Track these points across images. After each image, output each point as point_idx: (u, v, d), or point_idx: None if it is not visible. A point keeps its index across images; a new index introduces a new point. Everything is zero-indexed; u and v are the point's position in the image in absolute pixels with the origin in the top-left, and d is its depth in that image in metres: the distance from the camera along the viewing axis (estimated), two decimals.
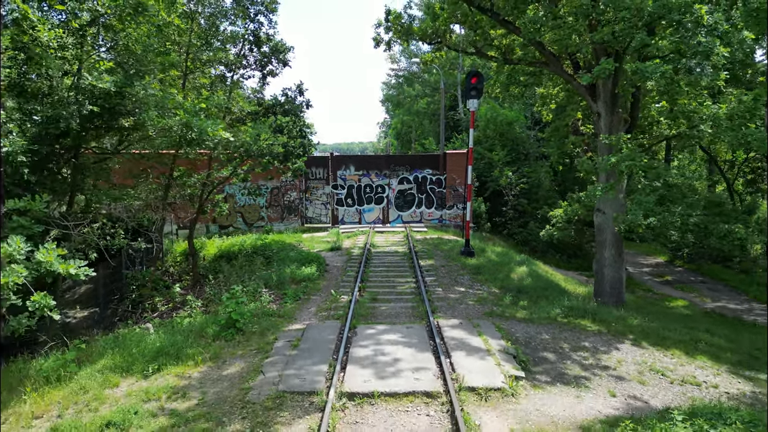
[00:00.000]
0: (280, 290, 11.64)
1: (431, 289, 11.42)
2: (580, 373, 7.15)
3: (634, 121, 12.99)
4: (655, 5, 9.21)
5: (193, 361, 7.31)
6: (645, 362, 7.74)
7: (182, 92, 12.78)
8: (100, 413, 5.90)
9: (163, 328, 9.01)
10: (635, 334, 9.03)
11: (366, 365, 6.86)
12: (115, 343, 8.04)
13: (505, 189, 23.47)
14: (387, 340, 7.89)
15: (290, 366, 6.91)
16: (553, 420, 5.71)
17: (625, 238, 12.86)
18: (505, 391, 6.21)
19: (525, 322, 9.28)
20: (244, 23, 14.32)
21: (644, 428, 5.30)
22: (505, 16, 12.98)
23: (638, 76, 9.20)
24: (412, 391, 6.09)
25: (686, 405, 6.14)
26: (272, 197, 21.05)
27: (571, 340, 8.43)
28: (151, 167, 13.24)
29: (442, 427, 5.47)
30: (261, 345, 7.95)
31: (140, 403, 6.08)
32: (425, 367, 6.80)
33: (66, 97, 8.78)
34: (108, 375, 6.90)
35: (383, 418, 5.64)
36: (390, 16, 16.00)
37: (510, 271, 14.04)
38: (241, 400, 6.07)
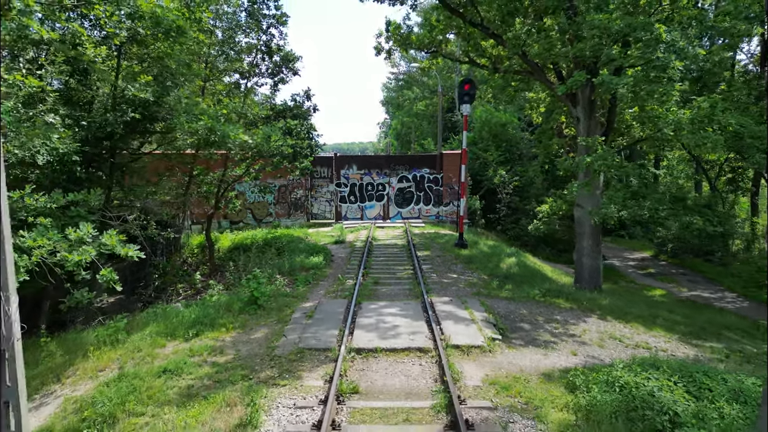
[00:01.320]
0: (291, 276, 13.02)
1: (427, 275, 12.80)
2: (549, 339, 8.53)
3: (611, 125, 14.37)
4: (620, 24, 10.59)
5: (225, 329, 8.71)
6: (606, 331, 9.13)
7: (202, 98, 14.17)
8: (155, 365, 7.29)
9: (195, 304, 10.41)
10: (602, 310, 10.43)
11: (370, 330, 8.25)
12: (156, 316, 9.46)
13: (498, 187, 24.86)
14: (387, 312, 9.28)
15: (307, 331, 8.31)
16: (521, 369, 7.09)
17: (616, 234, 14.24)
18: (483, 349, 7.60)
19: (507, 300, 10.68)
20: (257, 35, 15.72)
21: (591, 372, 6.68)
22: (494, 30, 14.34)
23: (605, 87, 10.59)
24: (408, 348, 7.49)
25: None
26: (280, 194, 22.45)
27: (546, 314, 9.82)
28: (174, 166, 14.65)
29: (432, 373, 6.85)
30: (280, 317, 9.34)
31: (187, 357, 7.47)
32: (419, 331, 8.19)
33: (111, 105, 10.17)
34: (155, 338, 8.30)
35: (384, 366, 7.03)
36: (390, 26, 17.34)
37: (500, 261, 15.41)
38: (268, 355, 7.47)
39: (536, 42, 12.77)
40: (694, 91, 15.35)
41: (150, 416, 5.94)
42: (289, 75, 15.94)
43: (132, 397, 6.32)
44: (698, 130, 11.41)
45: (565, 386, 6.50)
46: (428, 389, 6.36)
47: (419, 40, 17.41)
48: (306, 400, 6.04)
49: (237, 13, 15.56)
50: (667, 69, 10.18)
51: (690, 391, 6.28)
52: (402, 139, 47.33)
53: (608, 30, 10.68)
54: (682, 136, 11.48)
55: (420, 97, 37.41)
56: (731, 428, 5.37)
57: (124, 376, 6.97)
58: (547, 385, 6.55)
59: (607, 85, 10.52)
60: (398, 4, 15.35)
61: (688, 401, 5.94)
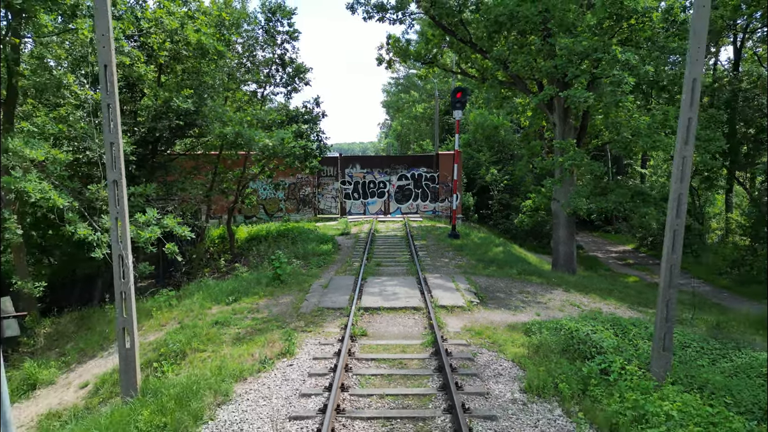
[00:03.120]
0: (305, 260, 15.05)
1: (422, 259, 14.83)
2: (519, 304, 10.56)
3: (584, 130, 16.39)
4: (582, 46, 12.61)
5: (257, 296, 10.75)
6: (568, 300, 11.16)
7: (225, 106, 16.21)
8: (207, 319, 9.33)
9: (228, 280, 12.45)
10: (568, 285, 12.46)
11: (374, 296, 10.29)
12: (199, 287, 11.50)
13: (491, 185, 26.89)
14: (388, 284, 11.32)
15: (324, 297, 10.35)
16: (492, 322, 9.12)
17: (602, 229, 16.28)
18: (464, 308, 9.64)
19: (489, 276, 12.71)
20: (273, 50, 17.75)
21: (545, 323, 8.70)
22: (482, 46, 16.37)
23: (570, 99, 12.62)
24: (405, 307, 9.53)
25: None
26: (290, 191, 24.50)
27: (519, 287, 11.86)
28: (200, 165, 16.69)
29: (422, 323, 8.89)
30: (300, 288, 11.38)
31: (231, 315, 9.51)
32: (414, 296, 10.23)
33: (157, 114, 12.21)
34: (202, 302, 10.35)
35: (386, 319, 9.07)
36: (390, 39, 19.40)
37: (488, 250, 17.43)
38: (295, 312, 9.51)
39: (516, 58, 14.79)
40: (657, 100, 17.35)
41: (210, 351, 7.98)
42: (301, 85, 17.97)
43: (194, 339, 8.37)
44: (653, 134, 13.44)
45: (524, 332, 8.53)
46: (419, 333, 8.40)
47: (416, 52, 19.47)
48: (327, 340, 8.08)
49: (255, 30, 17.57)
50: (622, 84, 12.20)
51: (617, 333, 8.33)
52: (402, 140, 49.39)
53: (573, 51, 12.71)
54: (639, 139, 13.48)
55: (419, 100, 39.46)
56: (639, 355, 7.40)
57: (184, 327, 9.02)
58: (511, 332, 8.57)
59: (571, 99, 12.56)
60: (398, 23, 17.33)
61: (613, 339, 7.98)
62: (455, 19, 16.00)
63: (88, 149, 10.66)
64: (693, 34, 6.29)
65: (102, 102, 6.42)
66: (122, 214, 6.57)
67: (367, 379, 6.72)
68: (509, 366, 7.23)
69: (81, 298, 13.00)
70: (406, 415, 5.71)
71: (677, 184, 6.59)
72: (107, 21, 6.32)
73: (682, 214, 6.57)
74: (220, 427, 5.65)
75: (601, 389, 6.39)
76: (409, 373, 6.87)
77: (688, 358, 7.90)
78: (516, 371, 7.05)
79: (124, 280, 6.60)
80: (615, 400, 6.10)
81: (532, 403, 6.20)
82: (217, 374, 6.77)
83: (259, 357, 7.47)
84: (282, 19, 17.47)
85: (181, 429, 5.58)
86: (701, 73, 6.34)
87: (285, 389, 6.46)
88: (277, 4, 17.31)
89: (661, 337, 6.81)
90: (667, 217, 6.66)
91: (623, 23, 13.57)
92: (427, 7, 15.88)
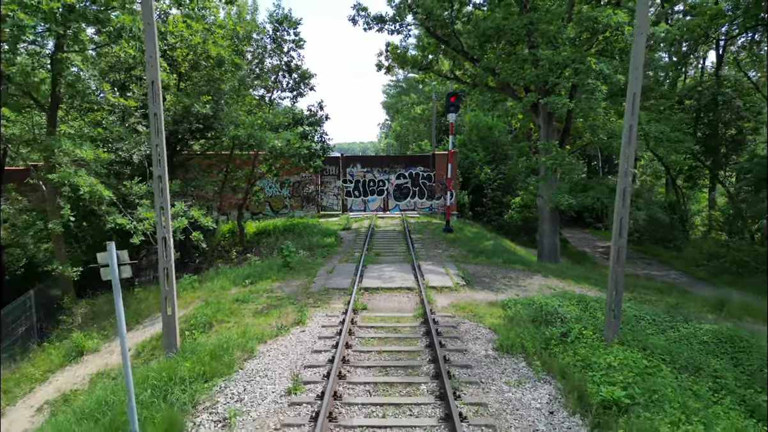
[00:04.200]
0: (311, 251, 16.44)
1: (417, 250, 16.22)
2: (501, 287, 11.96)
3: (567, 132, 17.77)
4: (562, 57, 14.00)
5: (270, 280, 12.16)
6: (545, 284, 12.55)
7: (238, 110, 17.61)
8: (228, 298, 10.73)
9: (243, 266, 13.85)
10: (547, 272, 13.86)
11: (374, 279, 11.70)
12: (218, 273, 12.91)
13: (485, 184, 28.29)
14: (386, 270, 12.73)
15: (329, 280, 11.75)
16: (475, 300, 10.53)
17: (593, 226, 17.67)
18: (452, 288, 11.04)
19: (477, 264, 14.11)
20: (280, 57, 19.14)
21: (520, 299, 10.09)
22: (473, 55, 17.77)
23: (549, 105, 14.02)
24: (400, 287, 10.94)
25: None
26: (294, 189, 25.91)
27: (503, 273, 13.26)
28: (213, 164, 18.09)
29: (415, 300, 10.29)
30: (308, 273, 12.78)
31: (249, 294, 10.92)
32: (408, 279, 11.64)
33: (179, 117, 13.61)
34: (222, 284, 11.75)
35: (384, 297, 10.47)
36: (389, 47, 20.80)
37: (479, 243, 18.81)
38: (305, 292, 10.91)
39: (504, 67, 16.19)
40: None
41: (233, 323, 9.38)
42: (306, 90, 19.36)
43: (219, 313, 9.77)
44: None
45: (501, 307, 9.93)
46: (412, 307, 9.80)
47: (413, 59, 20.87)
48: (333, 312, 9.48)
49: (263, 39, 18.96)
50: (595, 92, 13.59)
51: (580, 308, 9.73)
52: (401, 140, 50.79)
53: (553, 61, 14.11)
54: (614, 141, 14.87)
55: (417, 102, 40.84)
56: (595, 323, 8.79)
57: (209, 303, 10.42)
58: (490, 308, 9.98)
59: (551, 104, 13.96)
60: (396, 34, 18.72)
61: (576, 312, 9.38)
62: (448, 29, 17.39)
63: (119, 150, 12.05)
64: (633, 58, 7.70)
65: (149, 111, 7.81)
66: (165, 204, 7.98)
67: (367, 340, 8.13)
68: (486, 332, 8.64)
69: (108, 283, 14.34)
70: (398, 365, 7.12)
71: (623, 179, 7.99)
72: (154, 45, 7.72)
73: (627, 205, 7.98)
74: (249, 373, 7.06)
75: (560, 348, 7.80)
76: (401, 336, 8.28)
77: (640, 328, 9.29)
78: (491, 335, 8.45)
79: (166, 259, 8.00)
80: (569, 355, 7.51)
81: (502, 357, 7.61)
82: (242, 337, 8.18)
83: (276, 325, 8.88)
84: (288, 28, 18.85)
85: (217, 375, 6.99)
86: (639, 89, 7.74)
87: (299, 348, 7.87)
88: (284, 15, 18.69)
89: (611, 307, 8.21)
90: (615, 207, 8.07)
91: (599, 36, 14.96)
92: (423, 18, 17.27)
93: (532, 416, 5.97)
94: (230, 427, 5.69)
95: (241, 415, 5.92)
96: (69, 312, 12.11)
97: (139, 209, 10.76)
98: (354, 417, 5.75)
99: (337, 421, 5.60)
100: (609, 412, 5.93)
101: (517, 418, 5.91)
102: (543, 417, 5.97)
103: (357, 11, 18.05)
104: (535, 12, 15.44)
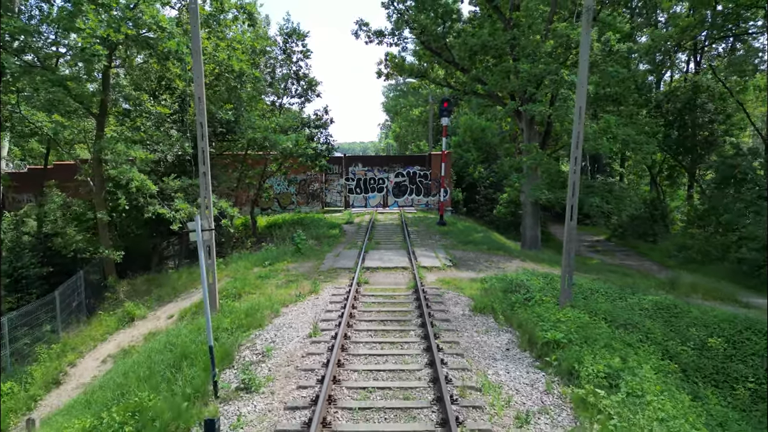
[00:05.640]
0: (318, 240, 18.48)
1: (413, 239, 18.25)
2: (482, 268, 13.98)
3: (548, 135, 19.80)
4: (539, 69, 16.01)
5: (285, 262, 14.20)
6: (522, 266, 14.57)
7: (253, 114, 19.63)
8: (251, 275, 12.76)
9: (261, 251, 15.88)
10: (526, 257, 15.89)
11: (374, 260, 13.74)
12: (239, 256, 14.94)
13: (478, 182, 30.31)
14: (385, 254, 14.77)
15: (336, 262, 13.79)
16: (459, 277, 12.55)
17: (582, 222, 19.69)
18: (440, 268, 13.08)
19: (464, 251, 16.15)
20: (289, 66, 21.17)
21: (497, 276, 12.12)
22: (463, 65, 19.78)
23: (528, 112, 16.04)
24: (396, 266, 12.98)
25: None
26: (300, 187, 27.96)
27: (486, 258, 15.29)
28: (229, 164, 20.13)
29: (408, 276, 12.32)
30: (317, 257, 14.82)
31: (269, 272, 12.95)
32: (403, 261, 13.68)
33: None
34: (246, 265, 13.79)
35: (383, 275, 12.51)
36: (388, 57, 22.80)
37: (469, 235, 20.83)
38: (316, 271, 12.95)
39: (490, 77, 18.21)
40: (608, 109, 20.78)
41: (259, 293, 11.41)
42: (313, 96, 21.39)
43: (246, 286, 11.80)
44: (597, 139, 16.86)
45: (480, 282, 11.96)
46: (405, 282, 11.84)
47: (410, 67, 22.88)
48: (341, 285, 11.52)
49: (274, 50, 20.99)
50: (567, 100, 15.60)
51: (545, 282, 11.76)
52: (400, 140, 52.85)
53: (531, 73, 16.13)
54: (586, 143, 16.87)
55: (415, 105, 42.86)
56: (555, 293, 10.82)
57: (236, 279, 12.47)
58: (471, 282, 12.01)
59: (529, 111, 15.99)
60: (394, 46, 20.74)
61: (540, 284, 11.41)
62: (441, 43, 19.41)
63: (155, 150, 14.08)
64: (579, 77, 9.73)
65: (197, 120, 9.85)
66: (208, 194, 10.02)
67: (369, 303, 10.17)
68: (465, 299, 10.68)
69: (143, 267, 16.44)
70: (393, 319, 9.15)
71: (573, 175, 10.03)
72: (200, 66, 9.75)
73: (576, 195, 10.01)
74: (277, 325, 9.09)
75: (522, 309, 9.83)
76: (396, 301, 10.32)
77: (593, 298, 11.30)
78: (469, 301, 10.49)
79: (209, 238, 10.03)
80: (528, 313, 9.54)
81: (475, 316, 9.65)
82: (268, 302, 10.22)
83: (294, 294, 10.92)
84: (297, 41, 20.89)
85: (252, 327, 9.02)
86: (584, 104, 9.77)
87: (315, 309, 9.91)
88: (293, 29, 20.73)
89: (565, 278, 10.24)
90: (567, 197, 10.10)
91: (573, 50, 16.99)
92: (418, 33, 19.30)
93: (493, 351, 8.01)
94: (268, 356, 7.73)
95: (275, 350, 7.96)
96: (113, 290, 14.11)
97: (176, 201, 12.77)
98: (360, 348, 7.79)
99: (348, 351, 7.64)
100: (549, 348, 7.96)
101: (481, 351, 7.94)
102: (500, 351, 8.01)
103: (359, 26, 20.07)
104: (517, 28, 17.47)
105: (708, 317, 10.41)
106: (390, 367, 7.10)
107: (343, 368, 7.06)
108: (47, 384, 9.96)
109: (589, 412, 6.08)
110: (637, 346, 8.84)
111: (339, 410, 5.95)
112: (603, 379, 6.93)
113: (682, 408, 6.86)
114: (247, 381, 6.72)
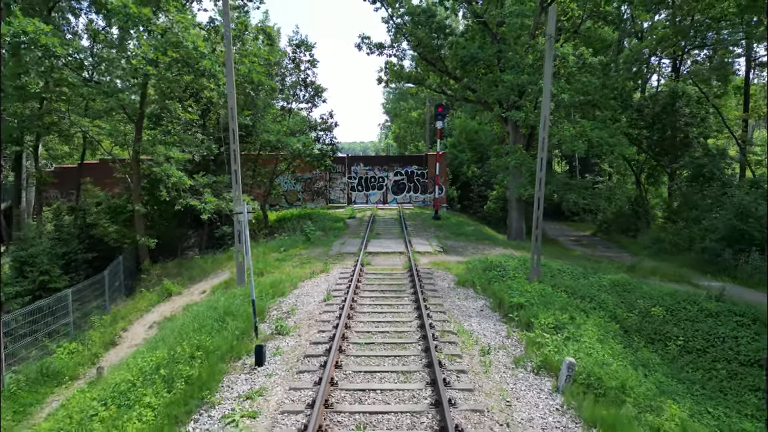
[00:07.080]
0: (324, 232, 20.59)
1: (410, 231, 20.38)
2: (469, 254, 16.09)
3: (532, 137, 21.89)
4: (521, 80, 18.12)
5: (298, 248, 16.32)
6: (504, 253, 16.68)
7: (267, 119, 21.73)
8: (270, 258, 14.88)
9: (274, 240, 18.00)
10: (509, 246, 18.01)
11: (375, 247, 15.87)
12: (257, 244, 17.06)
13: (472, 180, 32.44)
14: (385, 242, 16.90)
15: (342, 248, 15.92)
16: (447, 260, 14.67)
17: (570, 220, 21.83)
18: (432, 253, 15.21)
19: (455, 241, 18.28)
20: (298, 74, 23.27)
21: (480, 259, 14.24)
22: (455, 75, 21.89)
23: (511, 117, 18.15)
24: (394, 251, 15.12)
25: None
26: (306, 185, 30.08)
27: (473, 246, 17.41)
28: (244, 163, 22.22)
29: (404, 260, 14.44)
30: (325, 245, 16.94)
31: (285, 256, 15.08)
32: (400, 247, 15.82)
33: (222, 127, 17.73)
34: (264, 251, 15.92)
35: (383, 258, 14.64)
36: (388, 65, 24.91)
37: (461, 228, 22.95)
38: (326, 255, 15.08)
39: (479, 85, 20.32)
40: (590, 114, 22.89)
41: (278, 272, 13.53)
42: (319, 102, 23.49)
43: (267, 267, 13.92)
44: (575, 141, 18.97)
45: (465, 264, 14.08)
46: (402, 264, 13.97)
47: (408, 75, 25.00)
48: (347, 266, 13.64)
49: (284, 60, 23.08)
50: None
51: (520, 263, 13.88)
52: (400, 141, 55.03)
53: (514, 83, 18.25)
54: (563, 145, 18.99)
55: (413, 107, 45.02)
56: (527, 272, 12.93)
57: (258, 261, 14.58)
58: (458, 264, 14.12)
59: (512, 117, 18.10)
60: (393, 57, 22.84)
61: (515, 264, 13.52)
62: (435, 54, 21.53)
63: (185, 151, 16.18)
64: (544, 91, 11.85)
65: (230, 127, 11.96)
66: (239, 188, 12.13)
67: (371, 279, 12.29)
68: (451, 276, 12.80)
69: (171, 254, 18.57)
70: (391, 290, 11.28)
71: (539, 172, 12.16)
72: (232, 82, 11.87)
73: (542, 189, 12.12)
74: (297, 295, 11.22)
75: (497, 283, 11.94)
76: (394, 278, 12.44)
77: (559, 276, 13.40)
78: (454, 278, 12.61)
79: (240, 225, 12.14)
80: (501, 285, 11.65)
81: (458, 288, 11.77)
82: (288, 278, 12.34)
83: (309, 272, 13.04)
84: (305, 51, 22.99)
85: (277, 295, 11.14)
86: (548, 113, 11.89)
87: (326, 283, 12.04)
88: (301, 40, 22.82)
89: (534, 258, 12.36)
90: (535, 191, 12.21)
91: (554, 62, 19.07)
92: (415, 45, 21.40)
93: (469, 311, 10.13)
94: (292, 314, 9.86)
95: (297, 310, 10.08)
96: (148, 272, 16.21)
97: (205, 195, 14.88)
98: (365, 308, 9.92)
99: (355, 310, 9.77)
100: (513, 309, 10.07)
101: (460, 311, 10.07)
102: (475, 311, 10.13)
103: (362, 39, 22.18)
104: (503, 42, 19.59)
105: (655, 292, 12.48)
106: (388, 320, 9.23)
107: (351, 320, 9.19)
108: (105, 345, 12.07)
109: (536, 346, 8.20)
110: (589, 311, 10.92)
111: (350, 344, 8.08)
112: (552, 329, 9.05)
113: (612, 351, 8.98)
114: (279, 328, 8.84)
